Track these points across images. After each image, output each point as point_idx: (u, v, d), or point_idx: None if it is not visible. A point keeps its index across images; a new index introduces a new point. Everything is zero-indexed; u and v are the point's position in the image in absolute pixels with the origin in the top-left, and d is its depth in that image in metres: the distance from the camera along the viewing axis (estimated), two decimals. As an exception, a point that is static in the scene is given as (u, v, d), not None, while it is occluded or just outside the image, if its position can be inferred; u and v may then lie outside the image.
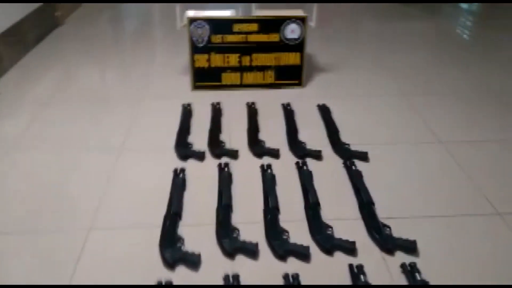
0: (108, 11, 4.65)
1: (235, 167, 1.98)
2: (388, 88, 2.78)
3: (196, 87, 2.72)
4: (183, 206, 1.72)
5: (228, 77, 2.71)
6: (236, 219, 1.66)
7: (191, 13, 2.72)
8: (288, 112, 2.43)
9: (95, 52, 3.47)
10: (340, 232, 1.58)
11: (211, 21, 2.57)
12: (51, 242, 1.58)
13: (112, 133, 2.26)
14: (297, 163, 1.97)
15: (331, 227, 1.58)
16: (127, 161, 2.04)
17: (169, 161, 2.02)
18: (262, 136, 2.22)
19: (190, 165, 2.00)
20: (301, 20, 2.60)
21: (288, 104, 2.52)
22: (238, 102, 2.58)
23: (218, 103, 2.53)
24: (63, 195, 1.82)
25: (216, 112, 2.43)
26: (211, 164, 2.00)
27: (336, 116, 2.40)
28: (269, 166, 1.94)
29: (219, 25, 2.59)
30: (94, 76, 3.07)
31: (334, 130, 2.24)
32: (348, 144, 2.11)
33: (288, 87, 2.75)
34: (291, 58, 2.69)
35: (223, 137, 2.21)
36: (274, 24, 2.60)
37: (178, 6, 2.66)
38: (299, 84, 2.76)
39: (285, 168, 1.96)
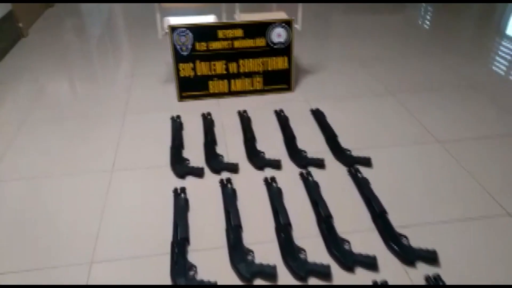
0: (72, 19, 4.41)
1: (237, 181, 1.89)
2: (374, 87, 2.77)
3: (182, 97, 2.60)
4: (189, 230, 1.62)
5: (216, 85, 2.61)
6: (248, 239, 1.58)
7: (172, 21, 2.60)
8: (282, 119, 2.36)
9: (66, 64, 3.27)
10: (357, 245, 1.53)
11: (194, 28, 2.46)
12: (52, 279, 1.45)
13: (99, 154, 2.12)
14: (301, 174, 1.91)
15: (348, 242, 1.53)
16: (121, 183, 1.91)
17: (167, 180, 1.91)
18: (259, 145, 2.14)
19: (190, 183, 1.90)
20: (287, 24, 2.53)
21: (281, 111, 2.45)
22: (229, 110, 2.49)
23: (209, 114, 2.42)
24: (56, 229, 1.67)
25: (208, 123, 2.33)
26: (211, 181, 1.91)
27: (331, 120, 2.35)
28: (273, 179, 1.87)
29: (203, 32, 2.48)
30: (70, 91, 2.88)
31: (332, 135, 2.20)
32: (349, 150, 2.07)
33: (277, 92, 2.69)
34: (279, 63, 2.62)
35: (220, 149, 2.12)
36: (259, 29, 2.52)
37: (158, 13, 2.53)
38: (288, 88, 2.70)
39: (289, 180, 1.89)
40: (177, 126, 2.30)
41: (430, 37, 3.74)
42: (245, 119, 2.36)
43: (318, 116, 2.39)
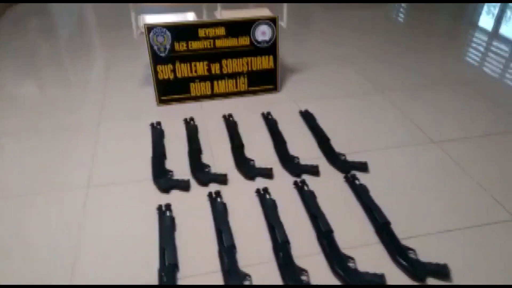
0: (36, 19, 4.13)
1: (227, 194, 1.74)
2: (362, 85, 2.67)
3: (162, 101, 2.42)
4: (177, 254, 1.47)
5: (197, 88, 2.44)
6: (243, 261, 1.44)
7: (148, 19, 2.41)
8: (271, 123, 2.22)
9: (32, 69, 3.03)
10: (362, 262, 1.41)
11: (172, 27, 2.28)
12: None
13: (72, 168, 1.92)
14: (295, 183, 1.78)
15: (353, 259, 1.41)
16: (98, 202, 1.73)
17: (149, 196, 1.74)
18: (248, 152, 1.99)
19: (175, 197, 1.74)
20: (272, 21, 2.39)
21: (269, 114, 2.31)
22: (213, 114, 2.33)
23: (192, 119, 2.26)
24: (26, 257, 1.49)
25: (192, 129, 2.16)
26: (199, 194, 1.75)
27: (321, 122, 2.23)
28: (266, 190, 1.73)
29: (182, 31, 2.30)
30: (38, 99, 2.64)
31: (324, 138, 2.07)
32: (343, 155, 1.95)
33: (263, 93, 2.54)
34: (264, 62, 2.47)
35: (206, 158, 1.96)
36: (243, 27, 2.36)
37: (132, 11, 2.33)
38: (274, 89, 2.56)
39: (283, 190, 1.76)
40: (157, 133, 2.13)
41: (412, 34, 3.67)
42: (231, 124, 2.20)
43: (308, 118, 2.26)
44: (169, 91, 2.41)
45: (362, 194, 1.70)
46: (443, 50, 3.23)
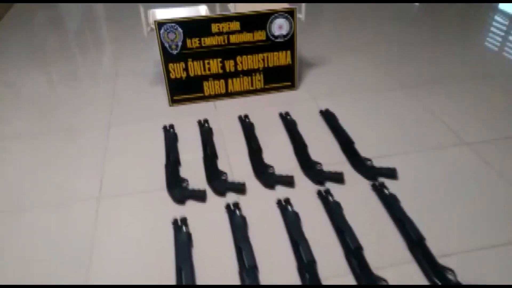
0: (44, 12, 4.02)
1: (246, 205, 1.63)
2: (385, 80, 2.51)
3: (174, 101, 2.30)
4: (195, 274, 1.37)
5: (211, 86, 2.31)
6: (265, 280, 1.33)
7: (158, 14, 2.28)
8: (289, 124, 2.09)
9: (40, 64, 2.93)
10: (395, 283, 1.30)
11: (184, 22, 2.14)
12: None
13: (82, 177, 1.82)
14: (319, 193, 1.65)
15: (385, 280, 1.30)
16: (110, 215, 1.63)
17: (164, 207, 1.64)
18: (266, 157, 1.88)
19: (191, 209, 1.63)
20: (290, 14, 2.23)
21: (287, 114, 2.18)
22: (228, 115, 2.21)
23: (206, 121, 2.14)
24: (36, 274, 1.40)
25: (206, 132, 2.05)
26: (216, 205, 1.64)
27: (343, 122, 2.09)
28: (287, 201, 1.61)
29: (195, 27, 2.17)
30: (42, 98, 2.53)
31: (348, 141, 1.94)
32: (369, 160, 1.82)
33: (280, 90, 2.41)
34: (281, 58, 2.33)
35: (222, 164, 1.85)
36: (258, 21, 2.22)
37: (141, 7, 2.20)
38: (292, 85, 2.42)
39: (305, 200, 1.64)
40: (171, 137, 2.02)
41: (429, 24, 3.45)
42: (247, 126, 2.08)
43: (329, 118, 2.13)
44: (182, 90, 2.29)
45: (392, 205, 1.57)
46: (463, 42, 3.02)
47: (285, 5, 2.26)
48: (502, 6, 3.68)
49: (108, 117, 2.24)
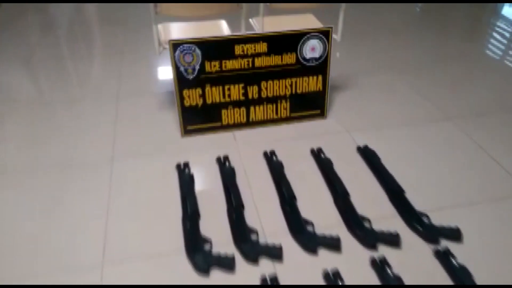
0: (33, 16, 3.67)
1: (284, 276, 1.33)
2: (423, 109, 2.23)
3: (187, 131, 1.99)
4: None
5: (230, 115, 2.01)
6: None
7: (173, 30, 1.97)
8: (324, 164, 1.80)
9: (29, 76, 2.60)
10: None
11: (203, 43, 1.83)
12: None
13: (82, 239, 1.49)
14: (373, 263, 1.36)
15: None
16: None
17: (183, 278, 1.33)
18: (302, 208, 1.57)
19: (216, 280, 1.33)
20: (324, 34, 1.94)
21: (320, 150, 1.88)
22: (251, 149, 1.90)
23: (226, 158, 1.83)
24: None
25: (228, 174, 1.74)
26: (247, 276, 1.34)
27: (386, 162, 1.80)
28: (337, 275, 1.31)
29: (216, 48, 1.86)
30: (31, 128, 2.20)
31: (396, 189, 1.65)
32: (426, 215, 1.53)
33: (307, 119, 2.11)
34: (311, 83, 2.03)
35: (249, 216, 1.54)
36: (289, 42, 1.91)
37: (154, 24, 1.88)
38: (321, 114, 2.12)
39: (357, 272, 1.34)
40: (186, 180, 1.70)
41: (467, 36, 3.19)
42: (276, 166, 1.78)
43: (370, 157, 1.83)
44: (197, 119, 1.98)
45: (463, 279, 1.28)
46: None
47: (315, 21, 1.96)
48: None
49: (111, 150, 1.91)
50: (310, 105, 2.09)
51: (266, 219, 1.54)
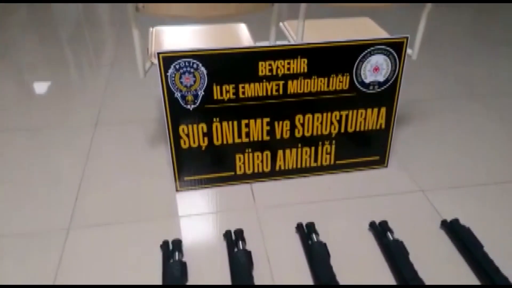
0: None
1: None
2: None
3: (183, 184, 1.37)
4: None
5: (248, 162, 1.37)
6: None
7: (166, 36, 1.36)
8: (394, 252, 1.13)
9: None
10: None
11: (210, 58, 1.20)
12: None
13: None
14: None
15: None
16: None
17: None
18: None
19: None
20: (395, 48, 1.28)
21: (385, 226, 1.22)
22: (277, 217, 1.26)
23: (240, 233, 1.18)
24: None
25: (241, 264, 1.09)
26: None
27: (489, 248, 1.13)
28: None
29: (229, 66, 1.23)
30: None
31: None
32: None
33: (359, 168, 1.46)
34: (369, 118, 1.38)
35: None
36: (341, 58, 1.27)
37: (135, 31, 1.26)
38: (381, 162, 1.47)
39: None
40: (174, 275, 1.06)
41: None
42: (318, 253, 1.12)
43: (464, 240, 1.16)
44: (199, 167, 1.35)
45: None
46: None
47: (377, 28, 1.32)
48: None
49: (68, 220, 1.29)
50: (365, 150, 1.44)
51: None
